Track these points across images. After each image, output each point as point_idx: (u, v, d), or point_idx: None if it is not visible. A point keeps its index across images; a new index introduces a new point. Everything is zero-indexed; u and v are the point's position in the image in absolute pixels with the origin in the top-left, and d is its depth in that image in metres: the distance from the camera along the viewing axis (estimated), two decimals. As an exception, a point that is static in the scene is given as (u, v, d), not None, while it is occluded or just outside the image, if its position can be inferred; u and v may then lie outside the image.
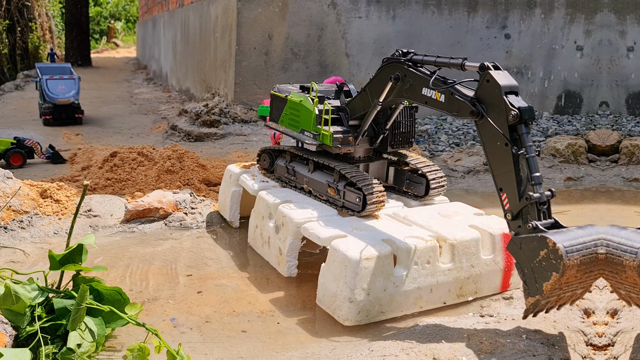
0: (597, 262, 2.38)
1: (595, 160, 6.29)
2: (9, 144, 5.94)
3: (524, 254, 2.45)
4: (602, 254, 2.37)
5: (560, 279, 2.33)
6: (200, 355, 2.61)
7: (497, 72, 2.66)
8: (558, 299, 2.49)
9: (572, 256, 2.31)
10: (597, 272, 2.43)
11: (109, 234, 4.05)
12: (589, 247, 2.37)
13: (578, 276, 2.39)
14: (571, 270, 2.33)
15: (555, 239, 2.32)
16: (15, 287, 2.48)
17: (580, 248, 2.35)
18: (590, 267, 2.39)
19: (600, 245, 2.39)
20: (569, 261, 2.30)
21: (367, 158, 3.71)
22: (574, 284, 2.43)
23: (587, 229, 2.43)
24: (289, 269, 3.38)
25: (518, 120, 2.54)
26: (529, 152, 2.53)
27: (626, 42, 9.02)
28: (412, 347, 2.57)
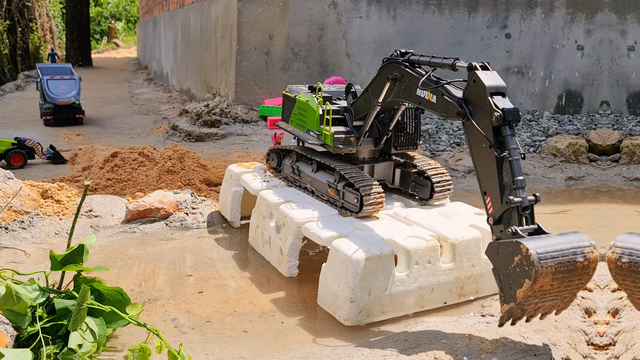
0: (577, 271, 2.29)
1: (596, 160, 6.29)
2: (10, 144, 5.95)
3: (500, 260, 2.38)
4: (580, 262, 2.28)
5: (533, 286, 2.25)
6: (201, 355, 2.61)
7: (484, 73, 2.62)
8: (537, 308, 2.40)
9: (545, 263, 2.22)
10: (578, 282, 2.33)
11: (110, 234, 4.05)
12: (566, 255, 2.27)
13: (555, 285, 2.29)
14: (545, 278, 2.24)
15: (529, 245, 2.25)
16: (17, 288, 2.48)
17: (555, 255, 2.26)
18: (569, 276, 2.29)
19: (580, 254, 2.29)
20: (542, 268, 2.21)
21: (372, 159, 3.70)
22: (553, 293, 2.34)
23: (568, 236, 2.35)
24: (290, 269, 3.38)
25: (502, 121, 2.48)
26: (513, 155, 2.46)
27: (627, 42, 9.02)
28: (414, 347, 2.57)
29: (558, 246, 2.28)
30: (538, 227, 2.43)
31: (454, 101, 2.70)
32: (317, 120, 3.58)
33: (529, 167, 6.12)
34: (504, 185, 2.49)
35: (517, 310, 2.38)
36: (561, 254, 2.27)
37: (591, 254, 2.31)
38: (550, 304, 2.39)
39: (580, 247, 2.31)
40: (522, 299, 2.30)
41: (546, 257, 2.23)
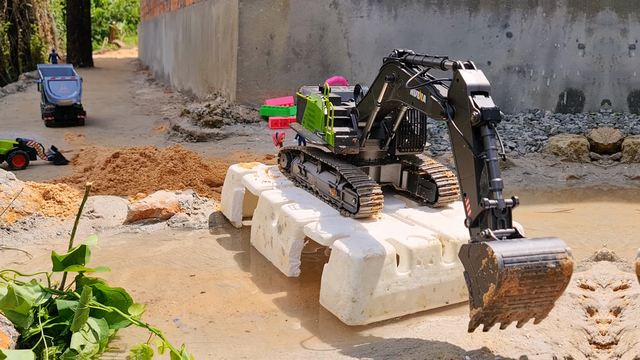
0: (548, 278, 2.20)
1: (598, 159, 6.29)
2: (12, 145, 5.95)
3: (470, 263, 2.32)
4: (552, 269, 2.19)
5: (497, 290, 2.17)
6: (203, 355, 2.61)
7: (468, 71, 2.55)
8: (510, 315, 2.31)
9: (510, 267, 2.14)
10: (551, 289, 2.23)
11: (111, 234, 4.06)
12: (535, 260, 2.19)
13: (525, 291, 2.20)
14: (510, 283, 2.16)
15: (495, 248, 2.17)
16: (19, 289, 2.49)
17: (523, 260, 2.17)
18: (540, 283, 2.20)
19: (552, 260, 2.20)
20: (507, 272, 2.14)
21: (379, 161, 3.69)
22: (524, 300, 2.24)
23: (542, 241, 2.26)
24: (292, 269, 3.38)
25: (480, 121, 2.42)
26: (490, 156, 2.40)
27: (628, 40, 9.02)
28: (416, 347, 2.57)
29: (527, 251, 2.20)
30: (515, 232, 2.35)
31: (438, 100, 2.65)
32: (322, 121, 3.59)
33: (531, 166, 6.12)
34: (481, 187, 2.42)
35: (484, 316, 2.29)
36: (530, 258, 2.19)
37: (564, 260, 2.22)
38: (525, 311, 2.30)
39: (553, 253, 2.22)
40: (488, 303, 2.22)
41: (512, 261, 2.16)
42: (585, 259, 3.73)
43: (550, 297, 2.27)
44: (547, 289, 2.23)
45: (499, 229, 2.34)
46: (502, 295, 2.19)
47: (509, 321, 2.35)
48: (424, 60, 2.90)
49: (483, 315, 2.28)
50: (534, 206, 5.00)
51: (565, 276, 2.22)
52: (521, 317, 2.33)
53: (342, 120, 3.56)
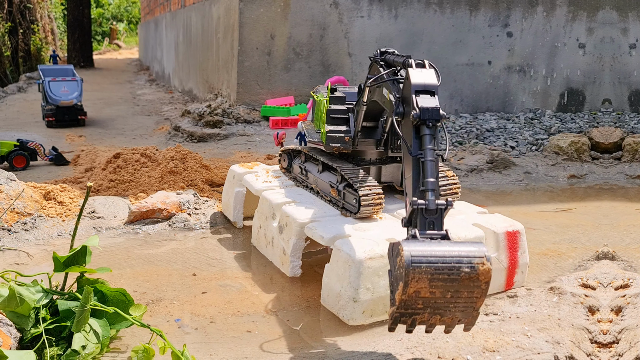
0: (462, 282, 2.11)
1: (599, 158, 6.29)
2: (12, 146, 5.95)
3: (392, 261, 2.26)
4: (466, 273, 2.10)
5: (405, 289, 2.10)
6: (205, 355, 2.61)
7: (417, 70, 2.52)
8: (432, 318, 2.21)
9: (417, 267, 2.08)
10: (468, 294, 2.14)
11: (112, 235, 4.06)
12: (447, 262, 2.10)
13: (437, 293, 2.12)
14: (419, 283, 2.09)
15: (406, 247, 2.11)
16: (20, 289, 2.49)
17: (434, 261, 2.10)
18: (454, 286, 2.12)
19: (466, 264, 2.11)
20: (413, 272, 2.07)
21: (379, 160, 3.69)
22: (442, 303, 2.16)
23: (462, 245, 2.19)
24: (293, 269, 3.38)
25: (419, 120, 2.38)
26: (426, 156, 2.34)
27: (628, 40, 9.02)
28: (417, 346, 2.57)
29: (441, 252, 2.13)
30: (445, 235, 2.27)
31: (394, 99, 2.61)
32: (323, 119, 3.60)
33: (532, 165, 6.12)
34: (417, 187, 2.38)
35: (400, 315, 2.21)
36: (442, 260, 2.11)
37: (481, 265, 2.12)
38: (448, 316, 2.21)
39: (469, 257, 2.13)
40: (399, 302, 2.14)
41: (421, 261, 2.09)
42: (587, 258, 3.74)
43: (470, 304, 2.18)
44: (463, 294, 2.15)
45: (429, 231, 2.27)
46: (411, 295, 2.11)
47: (432, 324, 2.25)
48: (394, 60, 2.88)
49: (398, 315, 2.20)
50: (535, 205, 5.00)
51: (483, 282, 2.13)
52: (445, 322, 2.24)
53: (342, 119, 3.56)
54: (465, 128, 7.76)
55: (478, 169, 5.88)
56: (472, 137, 7.31)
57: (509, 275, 3.27)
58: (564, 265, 3.68)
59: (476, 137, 7.30)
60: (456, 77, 8.73)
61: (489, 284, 2.14)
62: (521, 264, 3.30)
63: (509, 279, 3.27)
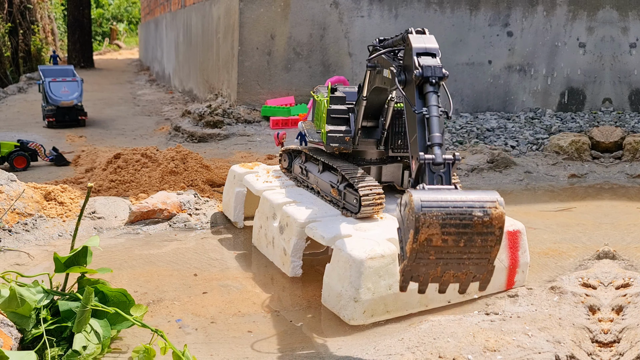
0: (475, 227, 2.00)
1: (599, 157, 6.28)
2: (13, 146, 5.96)
3: (400, 214, 2.16)
4: (478, 217, 1.99)
5: (416, 237, 1.99)
6: (206, 356, 2.61)
7: (417, 35, 2.52)
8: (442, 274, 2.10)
9: (428, 211, 1.98)
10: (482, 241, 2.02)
11: (113, 235, 4.06)
12: (459, 207, 2.00)
13: (450, 241, 2.01)
14: (430, 229, 1.98)
15: (415, 194, 2.01)
16: (20, 290, 2.49)
17: (445, 205, 1.99)
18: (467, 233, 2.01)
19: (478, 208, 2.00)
20: (424, 216, 1.97)
21: (380, 160, 3.69)
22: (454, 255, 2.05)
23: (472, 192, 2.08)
24: (294, 269, 3.38)
25: (422, 79, 2.35)
26: (430, 112, 2.30)
27: (629, 39, 9.01)
28: (418, 346, 2.57)
29: (452, 198, 2.02)
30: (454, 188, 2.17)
31: (395, 68, 2.59)
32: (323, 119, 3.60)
33: (532, 164, 6.11)
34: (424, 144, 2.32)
35: (411, 270, 2.09)
36: (453, 204, 2.01)
37: (494, 209, 2.02)
38: (460, 271, 2.10)
39: (481, 202, 2.03)
40: (411, 254, 2.03)
41: (431, 205, 1.99)
42: (587, 258, 3.74)
43: (484, 254, 2.07)
44: (477, 242, 2.03)
45: (436, 185, 2.20)
46: (422, 243, 2.01)
47: (445, 282, 2.14)
48: (393, 41, 2.87)
49: (409, 270, 2.09)
50: (535, 205, 5.00)
51: (496, 227, 2.02)
52: (459, 278, 2.14)
53: (342, 119, 3.56)
54: (465, 127, 7.76)
55: (478, 169, 5.88)
56: (472, 136, 7.31)
57: (510, 275, 3.27)
58: (564, 265, 3.68)
59: (476, 137, 7.30)
60: (456, 77, 8.73)
61: (503, 231, 2.04)
62: (522, 264, 3.30)
63: (509, 279, 3.27)
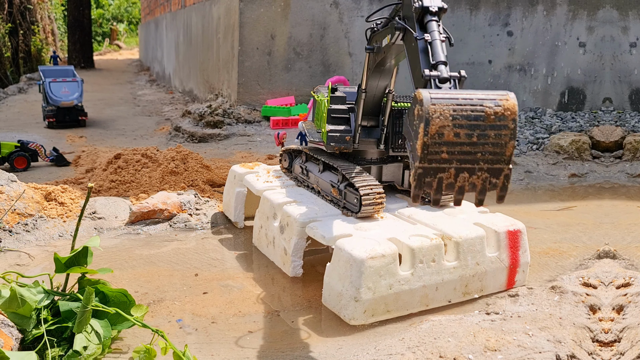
0: (488, 119, 1.94)
1: (599, 157, 6.28)
2: (13, 147, 5.96)
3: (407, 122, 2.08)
4: (490, 108, 1.93)
5: (427, 129, 1.91)
6: (206, 356, 2.61)
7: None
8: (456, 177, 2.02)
9: (437, 102, 1.92)
10: (495, 135, 1.95)
11: (114, 235, 4.06)
12: (469, 99, 1.94)
13: (462, 135, 1.94)
14: (441, 120, 1.91)
15: (423, 91, 1.95)
16: (21, 290, 2.49)
17: (455, 98, 1.93)
18: (479, 126, 1.94)
19: (489, 100, 1.94)
20: (434, 107, 1.91)
21: (380, 160, 3.69)
22: (467, 152, 1.97)
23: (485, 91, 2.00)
24: (294, 269, 3.38)
25: (421, 10, 2.36)
26: (433, 37, 2.29)
27: (629, 38, 9.01)
28: (418, 346, 2.57)
29: (462, 94, 1.97)
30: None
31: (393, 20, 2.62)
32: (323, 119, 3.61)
33: (532, 164, 6.11)
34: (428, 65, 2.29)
35: (423, 172, 1.99)
36: (463, 97, 1.95)
37: (505, 101, 1.96)
38: (477, 173, 2.03)
39: (492, 96, 1.97)
40: (422, 151, 1.94)
41: (441, 98, 1.93)
42: (588, 257, 3.73)
43: (499, 151, 1.99)
44: (491, 136, 1.96)
45: None
46: (434, 136, 1.93)
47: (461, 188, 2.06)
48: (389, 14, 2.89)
49: (421, 172, 1.99)
50: (536, 204, 5.00)
51: (509, 119, 1.96)
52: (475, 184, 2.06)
53: (343, 119, 3.57)
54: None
55: (479, 168, 5.87)
56: (472, 136, 7.30)
57: (510, 275, 3.27)
58: (565, 264, 3.68)
59: (477, 137, 7.29)
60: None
61: (517, 124, 1.96)
62: (522, 263, 3.30)
63: (510, 278, 3.27)
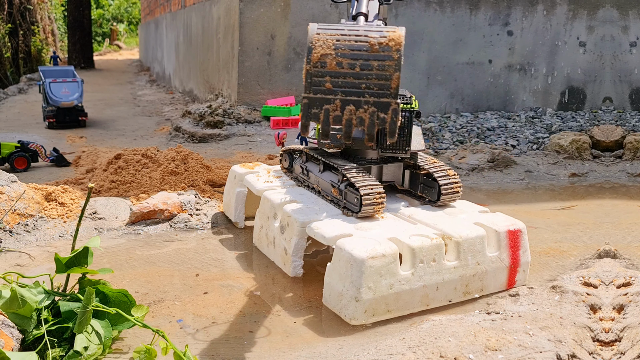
0: (372, 50, 1.94)
1: (600, 156, 6.28)
2: (13, 147, 5.96)
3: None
4: (374, 39, 1.96)
5: (310, 57, 1.96)
6: (207, 356, 2.61)
7: None
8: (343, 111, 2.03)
9: (323, 32, 1.98)
10: (378, 66, 1.95)
11: (114, 236, 4.06)
12: (355, 30, 1.98)
13: (345, 65, 1.95)
14: (324, 48, 1.96)
15: (312, 24, 2.04)
16: (21, 291, 2.49)
17: (342, 29, 1.98)
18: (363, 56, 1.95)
19: (375, 31, 1.96)
20: (318, 36, 1.96)
21: (381, 160, 3.69)
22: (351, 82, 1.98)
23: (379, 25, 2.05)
24: (295, 269, 3.38)
25: None
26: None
27: (629, 38, 9.01)
28: (419, 345, 2.57)
29: (350, 27, 2.00)
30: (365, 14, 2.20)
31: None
32: None
33: (533, 164, 6.11)
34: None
35: (309, 103, 2.04)
36: (350, 29, 1.99)
37: (392, 33, 1.97)
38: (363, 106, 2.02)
39: (380, 29, 1.99)
40: (305, 79, 2.00)
41: (327, 28, 1.98)
42: (588, 257, 3.73)
43: (384, 83, 1.99)
44: (374, 67, 1.97)
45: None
46: (316, 64, 1.98)
47: (349, 122, 2.08)
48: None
49: (307, 102, 2.04)
50: (536, 204, 5.00)
51: (394, 49, 1.97)
52: (362, 120, 2.07)
53: None
54: (466, 127, 7.75)
55: (479, 168, 5.88)
56: (473, 136, 7.31)
57: (511, 274, 3.27)
58: (565, 264, 3.68)
59: (477, 136, 7.30)
60: (457, 76, 8.72)
61: (401, 56, 1.95)
62: (523, 263, 3.30)
63: (510, 278, 3.27)
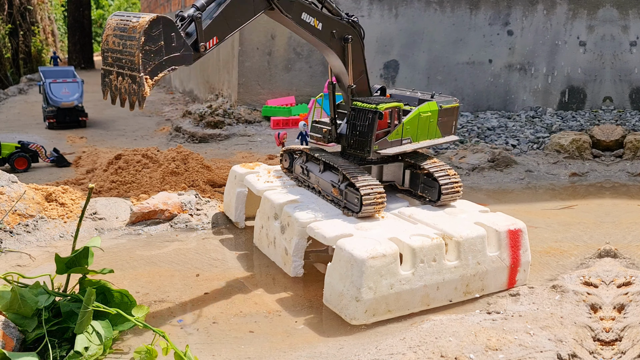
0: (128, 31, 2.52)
1: (600, 156, 6.28)
2: (14, 148, 5.96)
3: None
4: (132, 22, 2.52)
5: (102, 37, 2.62)
6: (207, 356, 2.61)
7: None
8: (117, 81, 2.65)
9: (112, 18, 2.61)
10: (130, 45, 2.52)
11: (114, 236, 4.06)
12: (128, 17, 2.56)
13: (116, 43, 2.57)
14: (108, 31, 2.61)
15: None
16: (22, 291, 2.49)
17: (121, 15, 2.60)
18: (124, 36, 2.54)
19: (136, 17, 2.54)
20: (109, 22, 2.61)
21: (381, 160, 3.69)
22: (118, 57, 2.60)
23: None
24: (295, 269, 3.38)
25: None
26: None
27: (629, 37, 9.01)
28: (420, 345, 2.57)
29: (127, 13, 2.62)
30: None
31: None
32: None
33: (533, 163, 6.11)
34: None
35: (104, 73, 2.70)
36: (128, 15, 2.59)
37: (142, 18, 2.52)
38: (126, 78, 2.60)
39: (147, 13, 2.57)
40: (101, 51, 2.68)
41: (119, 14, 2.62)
42: (589, 256, 3.73)
43: (132, 59, 2.55)
44: (127, 46, 2.56)
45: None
46: (104, 42, 2.66)
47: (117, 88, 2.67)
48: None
49: (102, 73, 2.72)
50: (537, 204, 5.00)
51: (137, 31, 2.51)
52: (124, 88, 2.64)
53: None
54: (466, 127, 7.75)
55: (479, 168, 5.88)
56: (473, 135, 7.31)
57: (511, 274, 3.27)
58: (566, 264, 3.68)
59: (477, 136, 7.30)
60: (457, 76, 8.72)
61: (144, 37, 2.50)
62: (523, 262, 3.30)
63: (511, 278, 3.27)
